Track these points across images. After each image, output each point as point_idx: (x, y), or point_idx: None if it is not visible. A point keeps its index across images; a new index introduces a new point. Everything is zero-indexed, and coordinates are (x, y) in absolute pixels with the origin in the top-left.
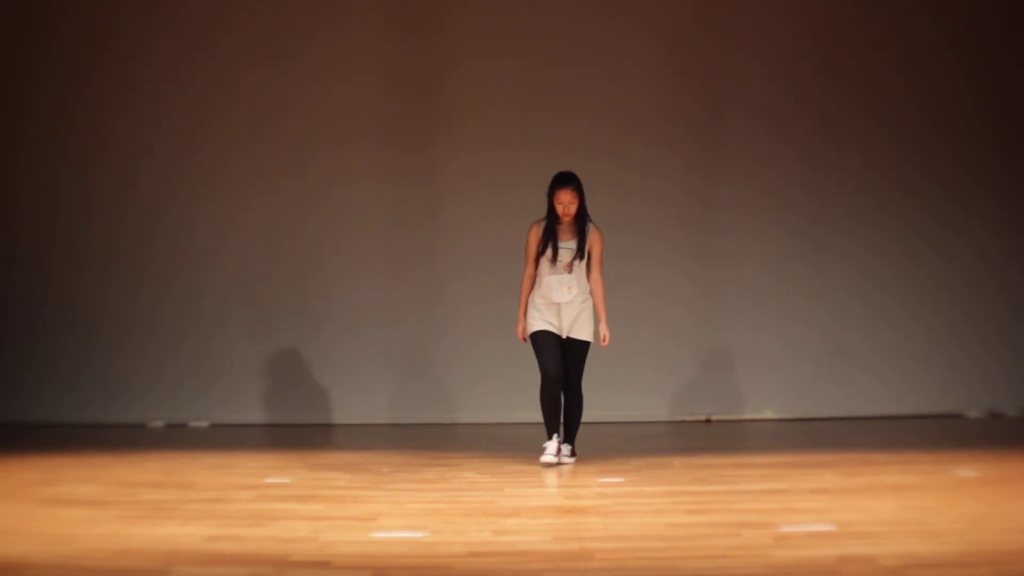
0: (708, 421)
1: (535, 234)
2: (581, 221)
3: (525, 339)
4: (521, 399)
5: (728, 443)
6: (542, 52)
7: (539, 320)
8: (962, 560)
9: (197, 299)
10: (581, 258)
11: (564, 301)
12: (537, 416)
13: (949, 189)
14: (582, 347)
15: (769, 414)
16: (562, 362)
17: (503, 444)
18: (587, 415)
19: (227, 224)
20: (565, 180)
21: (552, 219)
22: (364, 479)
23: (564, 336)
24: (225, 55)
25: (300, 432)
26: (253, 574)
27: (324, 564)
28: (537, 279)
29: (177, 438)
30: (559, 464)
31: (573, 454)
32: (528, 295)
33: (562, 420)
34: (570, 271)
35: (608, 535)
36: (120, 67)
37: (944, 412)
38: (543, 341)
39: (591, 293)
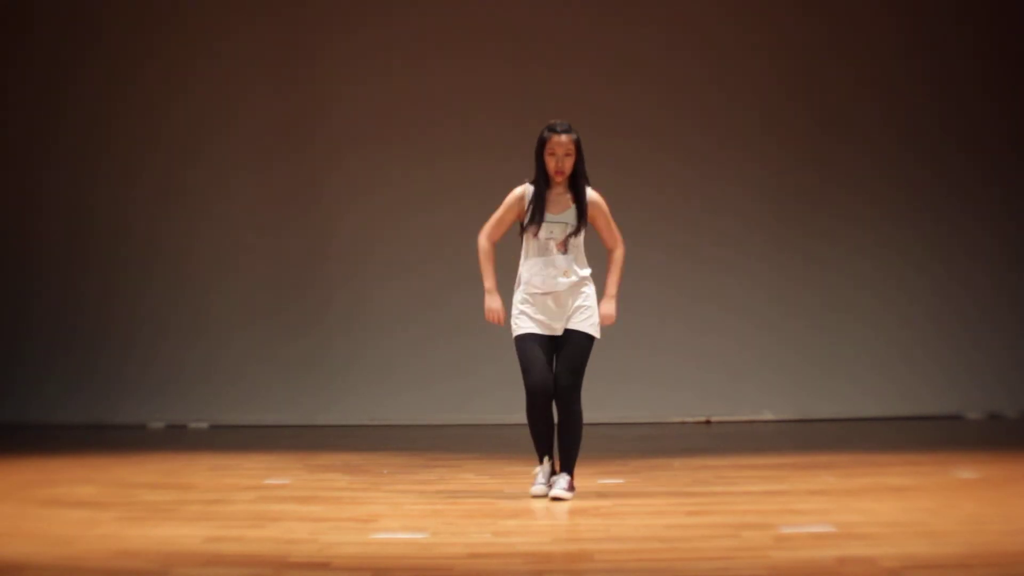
0: (708, 422)
1: (518, 198)
2: (577, 187)
3: (500, 321)
4: (522, 401)
5: (728, 444)
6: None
7: (528, 321)
8: (962, 562)
9: (200, 302)
10: (578, 233)
11: (560, 289)
12: None
13: (950, 190)
14: (584, 341)
15: (769, 415)
16: (549, 366)
17: (503, 446)
18: (586, 416)
19: (232, 229)
20: (560, 126)
21: (542, 184)
22: (364, 480)
23: (562, 331)
24: (224, 63)
25: (300, 433)
26: (253, 575)
27: (324, 565)
28: (521, 263)
29: (177, 439)
30: (553, 499)
31: (571, 488)
32: (492, 263)
33: (556, 444)
34: (564, 251)
35: (608, 536)
36: (119, 68)
37: (944, 413)
38: (531, 350)
39: (608, 263)
